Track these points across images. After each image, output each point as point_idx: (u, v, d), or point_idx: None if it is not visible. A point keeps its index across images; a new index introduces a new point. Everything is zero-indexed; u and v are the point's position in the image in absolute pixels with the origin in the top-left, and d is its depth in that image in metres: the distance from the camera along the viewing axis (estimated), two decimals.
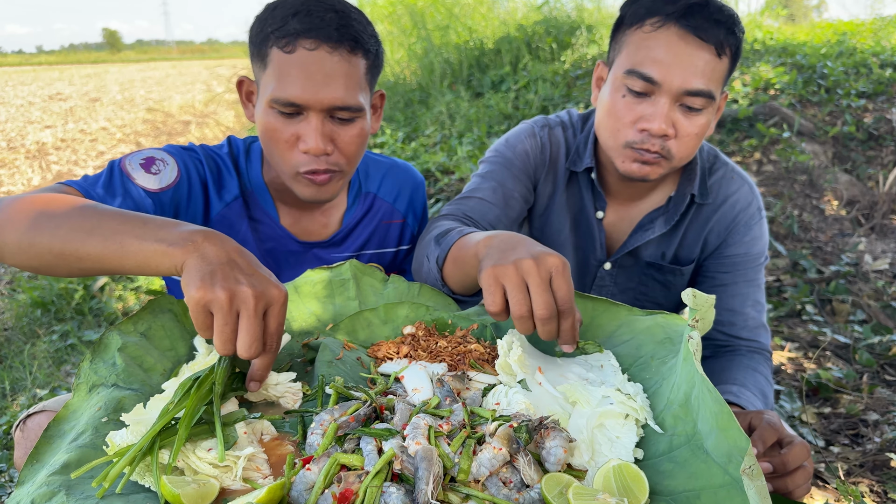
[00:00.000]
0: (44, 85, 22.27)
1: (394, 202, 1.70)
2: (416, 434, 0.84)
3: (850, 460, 2.09)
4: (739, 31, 1.42)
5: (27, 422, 1.21)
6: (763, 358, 1.57)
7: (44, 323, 3.72)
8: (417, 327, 1.22)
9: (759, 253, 1.64)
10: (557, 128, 1.71)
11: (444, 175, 4.86)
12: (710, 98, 1.41)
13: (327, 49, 1.29)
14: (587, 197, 1.68)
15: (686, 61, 1.38)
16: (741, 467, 0.73)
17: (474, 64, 7.47)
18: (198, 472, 0.84)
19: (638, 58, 1.42)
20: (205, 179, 1.47)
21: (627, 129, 1.46)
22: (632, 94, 1.44)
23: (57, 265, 1.07)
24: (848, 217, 4.14)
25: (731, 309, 1.61)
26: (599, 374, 1.07)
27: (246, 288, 0.90)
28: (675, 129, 1.43)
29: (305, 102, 1.30)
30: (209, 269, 0.91)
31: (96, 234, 1.02)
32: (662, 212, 1.64)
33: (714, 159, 1.67)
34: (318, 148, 1.32)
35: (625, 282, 1.74)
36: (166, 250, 0.96)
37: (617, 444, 0.90)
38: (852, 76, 5.56)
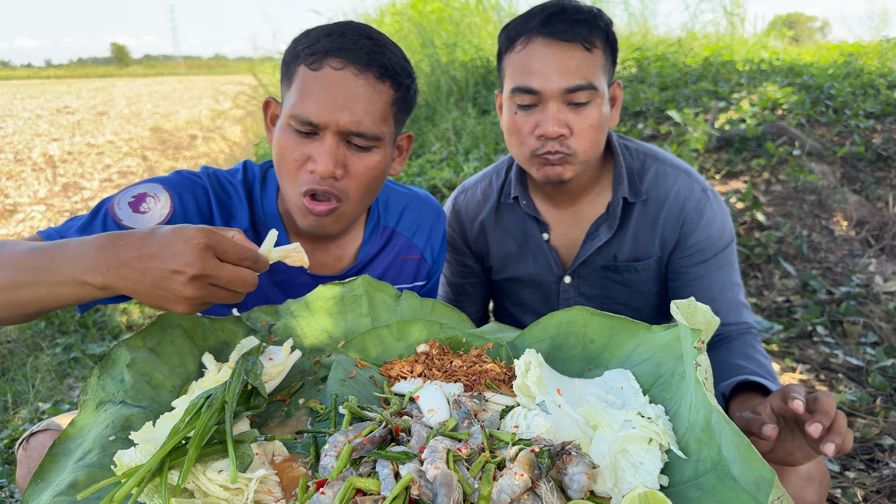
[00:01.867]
0: (52, 98, 22.41)
1: (412, 237, 1.63)
2: (435, 458, 0.81)
3: (866, 486, 2.05)
4: (604, 23, 1.53)
5: (30, 440, 1.18)
6: (752, 337, 1.62)
7: (47, 336, 3.69)
8: (431, 345, 1.20)
9: (720, 232, 1.67)
10: (476, 185, 1.87)
11: (450, 191, 4.84)
12: (593, 88, 1.50)
13: (354, 71, 1.26)
14: (529, 223, 1.78)
15: (557, 64, 1.49)
16: (770, 498, 0.70)
17: (480, 81, 7.48)
18: (208, 495, 0.82)
19: (517, 75, 1.54)
20: (207, 211, 1.40)
21: (528, 139, 1.56)
22: (522, 109, 1.56)
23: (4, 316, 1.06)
24: (857, 238, 4.11)
25: (713, 297, 1.65)
26: (619, 396, 1.04)
27: (190, 269, 0.94)
28: (568, 127, 1.52)
29: (322, 122, 1.26)
30: (149, 283, 0.95)
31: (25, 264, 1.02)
32: (605, 218, 1.70)
33: (644, 157, 1.72)
34: (327, 170, 1.27)
35: (588, 290, 1.80)
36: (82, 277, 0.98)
37: (641, 471, 0.87)
38: (860, 97, 5.55)
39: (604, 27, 1.53)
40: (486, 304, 2.01)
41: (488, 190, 1.83)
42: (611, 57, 1.57)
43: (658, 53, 7.47)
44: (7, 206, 6.95)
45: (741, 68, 6.62)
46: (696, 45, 8.20)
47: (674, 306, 0.93)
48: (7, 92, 26.77)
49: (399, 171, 1.48)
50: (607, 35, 1.54)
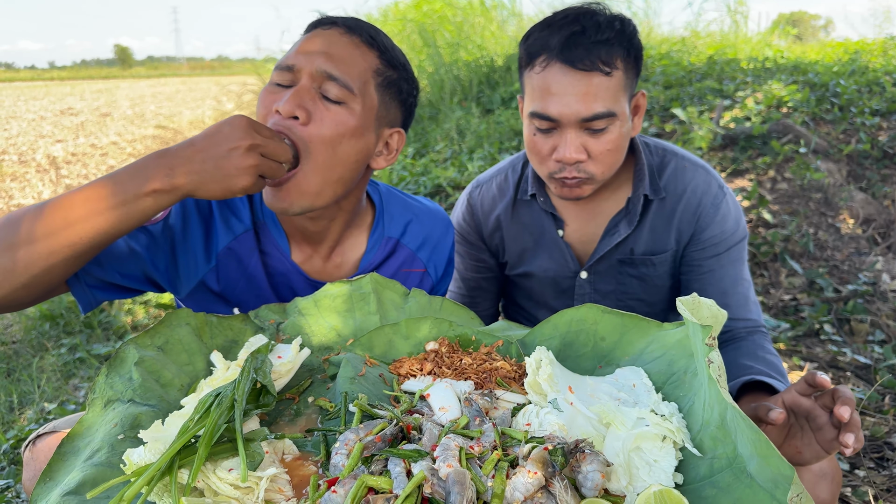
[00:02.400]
0: (55, 100, 22.46)
1: (417, 250, 1.59)
2: (447, 456, 0.80)
3: (876, 485, 2.04)
4: (627, 38, 1.48)
5: (36, 442, 1.17)
6: (762, 336, 1.61)
7: (52, 336, 3.69)
8: (440, 343, 1.19)
9: (734, 227, 1.68)
10: (491, 180, 1.86)
11: (455, 190, 4.84)
12: (611, 116, 1.48)
13: (342, 30, 1.30)
14: (546, 219, 1.77)
15: (576, 93, 1.46)
16: (789, 496, 0.69)
17: (484, 81, 7.48)
18: (218, 494, 0.81)
19: (535, 99, 1.52)
20: (208, 210, 1.40)
21: (547, 160, 1.56)
22: (541, 132, 1.54)
23: (49, 264, 1.07)
24: (864, 236, 4.09)
25: (723, 291, 1.66)
26: (632, 394, 1.03)
27: (244, 140, 1.10)
28: (586, 151, 1.51)
29: (297, 64, 1.26)
30: (212, 169, 1.09)
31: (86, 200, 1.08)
32: (624, 214, 1.70)
33: (663, 153, 1.72)
34: (287, 108, 1.22)
35: (603, 285, 1.79)
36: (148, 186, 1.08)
37: (655, 468, 0.86)
38: (865, 94, 5.53)
39: (626, 43, 1.48)
40: (498, 300, 2.01)
41: (504, 185, 1.82)
42: (633, 69, 1.53)
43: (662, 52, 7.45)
44: (12, 207, 6.95)
45: (745, 66, 6.60)
46: (700, 43, 8.19)
47: (679, 303, 0.91)
48: (11, 94, 26.84)
49: (382, 166, 1.41)
50: (629, 49, 1.49)
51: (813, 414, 1.04)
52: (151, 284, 1.36)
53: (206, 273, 1.39)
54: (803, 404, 1.06)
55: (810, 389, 1.06)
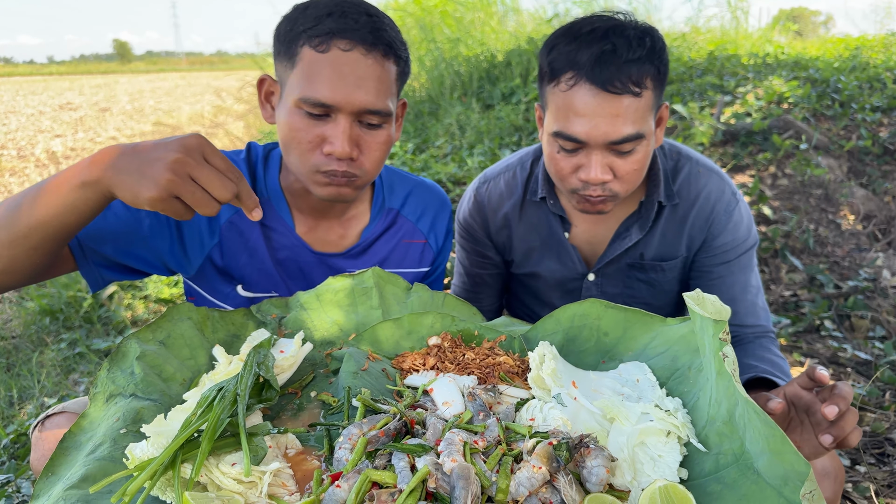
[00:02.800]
0: (54, 95, 22.41)
1: (417, 221, 1.64)
2: (452, 450, 0.80)
3: (877, 480, 2.04)
4: (657, 56, 1.41)
5: (45, 423, 1.18)
6: (769, 340, 1.60)
7: (52, 331, 3.68)
8: (443, 338, 1.18)
9: (745, 235, 1.66)
10: (499, 176, 1.80)
11: (455, 185, 4.83)
12: (639, 138, 1.42)
13: (362, 51, 1.27)
14: (554, 221, 1.74)
15: (605, 115, 1.39)
16: (801, 492, 0.68)
17: (484, 76, 7.46)
18: (221, 488, 0.80)
19: (561, 119, 1.44)
20: None
21: (569, 178, 1.50)
22: (565, 151, 1.48)
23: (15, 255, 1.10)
24: (864, 232, 4.09)
25: (733, 298, 1.64)
26: (635, 389, 1.02)
27: (174, 156, 0.98)
28: (612, 172, 1.46)
29: (336, 104, 1.26)
30: (133, 171, 1.00)
31: (23, 204, 1.08)
32: (636, 218, 1.66)
33: (677, 157, 1.69)
34: (345, 152, 1.28)
35: (611, 288, 1.77)
36: (80, 177, 1.04)
37: (660, 464, 0.86)
38: (866, 90, 5.52)
39: (655, 61, 1.42)
40: (502, 295, 1.99)
41: (512, 182, 1.78)
42: (661, 85, 1.47)
43: None
44: None
45: (746, 62, 6.59)
46: (701, 39, 8.17)
47: (686, 298, 0.91)
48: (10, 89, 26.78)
49: (397, 138, 1.46)
50: (659, 67, 1.43)
51: (812, 409, 1.04)
52: (160, 265, 1.39)
53: (211, 248, 1.43)
54: (804, 397, 1.05)
55: (812, 383, 1.06)
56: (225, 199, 1.00)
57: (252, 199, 1.05)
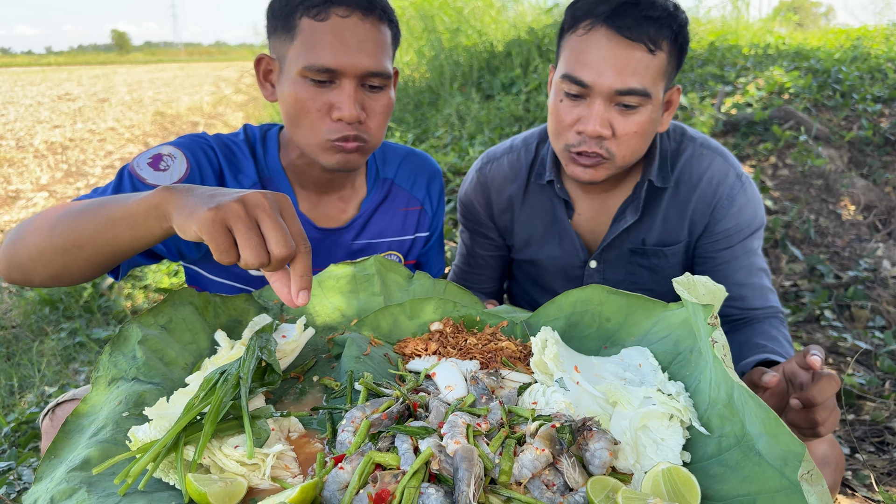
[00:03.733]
0: (52, 85, 22.34)
1: (411, 189, 1.68)
2: (455, 433, 0.80)
3: (877, 468, 2.04)
4: (678, 24, 1.41)
5: (56, 411, 1.18)
6: (779, 321, 1.58)
7: (52, 321, 3.68)
8: (445, 324, 1.18)
9: (749, 220, 1.62)
10: (503, 156, 1.77)
11: (455, 176, 4.82)
12: (646, 96, 1.40)
13: (359, 16, 1.30)
14: (558, 205, 1.71)
15: (616, 62, 1.38)
16: (799, 472, 0.68)
17: (484, 66, 7.43)
18: (224, 470, 0.80)
19: (571, 62, 1.44)
20: (218, 167, 1.44)
21: (567, 131, 1.48)
22: (568, 98, 1.46)
23: (66, 262, 1.06)
24: (865, 222, 4.09)
25: (739, 283, 1.61)
26: (637, 374, 1.02)
27: (253, 194, 0.85)
28: (612, 129, 1.43)
29: (340, 68, 1.29)
30: (205, 196, 0.86)
31: (84, 216, 1.02)
32: (631, 200, 1.64)
33: (681, 138, 1.66)
34: (353, 115, 1.30)
35: (613, 275, 1.75)
36: (148, 200, 0.93)
37: (662, 447, 0.86)
38: (867, 81, 5.51)
39: (675, 28, 1.41)
40: (502, 279, 1.97)
41: (516, 164, 1.75)
42: (676, 60, 1.46)
43: None
44: (10, 192, 6.93)
45: (747, 53, 6.57)
46: (702, 29, 8.13)
47: (675, 283, 0.91)
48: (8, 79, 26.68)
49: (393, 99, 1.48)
50: (677, 37, 1.42)
51: (806, 390, 1.04)
52: (174, 251, 1.39)
53: None
54: (800, 375, 1.06)
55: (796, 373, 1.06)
56: (278, 256, 0.84)
57: (305, 280, 0.88)
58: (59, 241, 1.04)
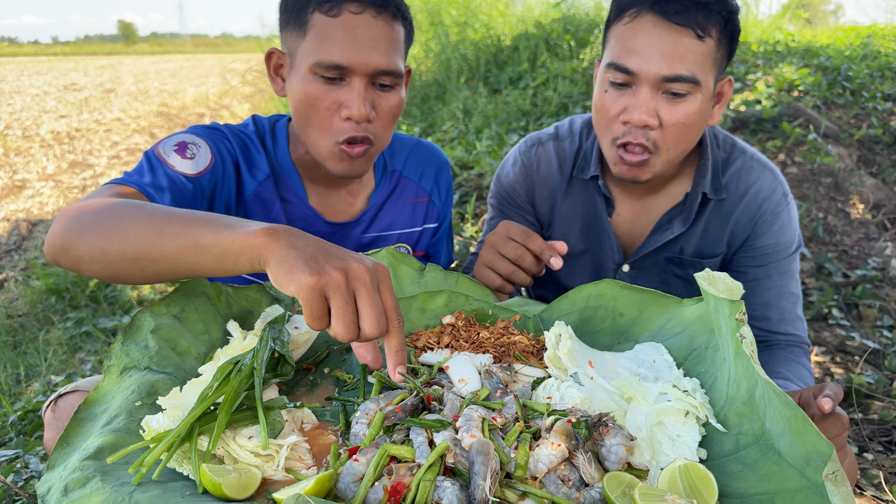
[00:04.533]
0: (59, 75, 22.35)
1: (419, 180, 1.67)
2: (470, 426, 0.79)
3: (885, 468, 2.03)
4: (728, 11, 1.37)
5: (58, 402, 1.17)
6: (802, 350, 1.54)
7: (58, 310, 3.69)
8: (457, 317, 1.17)
9: (789, 241, 1.58)
10: (549, 142, 1.71)
11: (462, 170, 4.81)
12: (694, 83, 1.36)
13: (372, 13, 1.28)
14: (599, 202, 1.66)
15: (663, 48, 1.34)
16: (824, 472, 0.68)
17: (491, 60, 7.40)
18: (238, 461, 0.80)
19: (616, 50, 1.40)
20: (236, 159, 1.43)
21: (613, 123, 1.43)
22: (614, 88, 1.42)
23: (131, 271, 0.98)
24: (874, 221, 4.07)
25: (766, 303, 1.57)
26: (652, 370, 1.02)
27: (356, 265, 0.83)
28: (658, 118, 1.38)
29: (351, 65, 1.28)
30: (307, 254, 0.83)
31: (167, 232, 0.94)
32: (680, 210, 1.59)
33: (731, 148, 1.61)
34: (362, 114, 1.29)
35: (645, 282, 1.70)
36: (246, 240, 0.87)
37: (679, 443, 0.85)
38: (877, 79, 5.47)
39: (725, 15, 1.37)
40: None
41: (562, 154, 1.69)
42: (726, 49, 1.41)
43: None
44: (16, 182, 6.94)
45: (756, 49, 6.53)
46: None
47: (698, 278, 0.90)
48: (14, 69, 26.70)
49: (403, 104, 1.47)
50: (727, 24, 1.38)
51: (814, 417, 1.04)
52: None
53: None
54: (812, 407, 1.04)
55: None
56: (368, 335, 0.83)
57: (400, 356, 0.89)
58: (132, 250, 0.96)
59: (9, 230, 5.40)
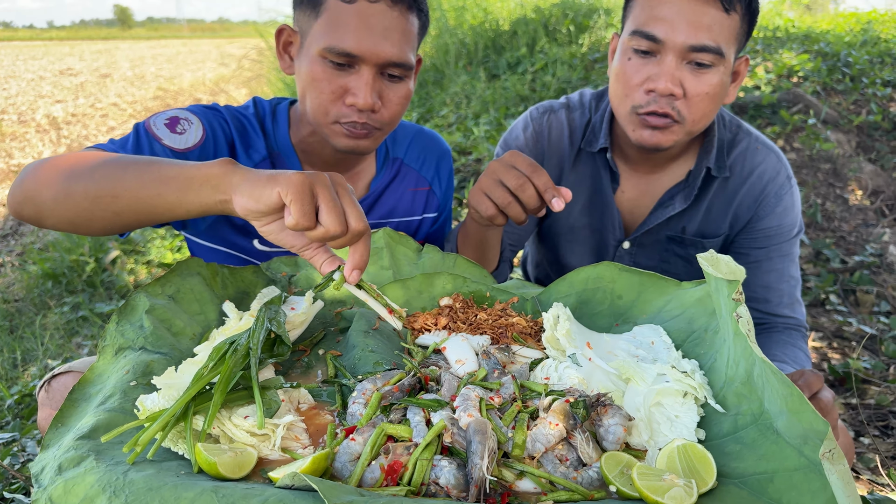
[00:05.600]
0: (55, 60, 22.21)
1: (420, 169, 1.65)
2: (468, 406, 0.78)
3: (881, 452, 2.04)
4: None
5: (52, 382, 1.17)
6: (800, 334, 1.55)
7: (55, 295, 3.68)
8: (455, 299, 1.17)
9: (791, 224, 1.59)
10: (561, 110, 1.69)
11: (461, 155, 4.79)
12: (719, 54, 1.35)
13: (388, 3, 1.26)
14: (604, 177, 1.65)
15: (690, 17, 1.33)
16: (820, 451, 0.67)
17: (490, 45, 7.36)
18: (234, 440, 0.80)
19: (642, 18, 1.39)
20: (231, 139, 1.42)
21: (635, 91, 1.42)
22: (638, 56, 1.41)
23: (92, 211, 1.02)
24: (872, 207, 4.06)
25: (766, 285, 1.58)
26: (650, 351, 1.01)
27: (330, 174, 0.90)
28: (683, 88, 1.38)
29: (361, 54, 1.26)
30: (270, 173, 0.89)
31: (131, 169, 0.99)
32: (682, 187, 1.59)
33: (737, 129, 1.61)
34: (368, 103, 1.27)
35: (645, 260, 1.70)
36: (209, 168, 0.93)
37: (677, 424, 0.85)
38: (877, 65, 5.45)
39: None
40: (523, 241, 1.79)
41: (573, 124, 1.67)
42: (747, 27, 1.41)
43: None
44: (12, 167, 6.91)
45: (756, 35, 6.50)
46: None
47: (700, 259, 0.90)
48: (9, 53, 26.52)
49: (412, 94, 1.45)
50: (751, 2, 1.39)
51: None
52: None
53: None
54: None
55: None
56: (355, 230, 0.88)
57: (363, 261, 0.93)
58: (95, 188, 1.00)
59: (4, 215, 5.38)
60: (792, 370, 1.36)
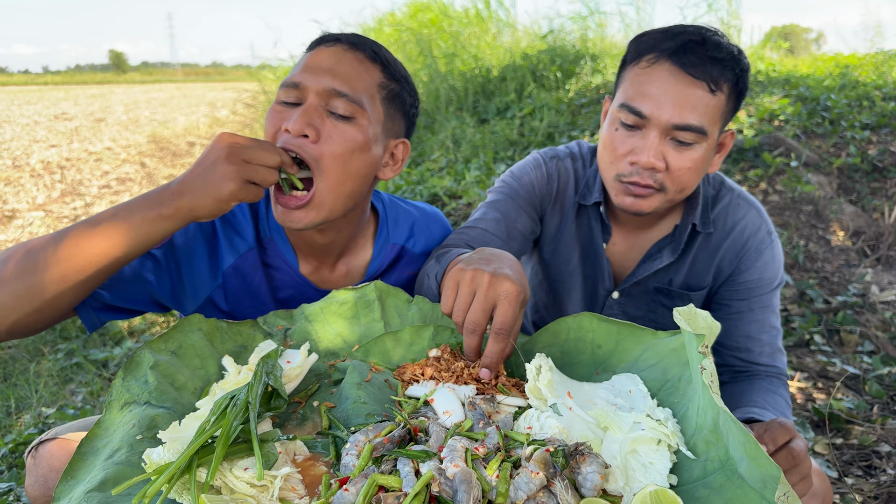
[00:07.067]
0: (49, 105, 22.42)
1: (420, 254, 1.63)
2: (454, 456, 0.84)
3: (864, 492, 2.08)
4: (740, 68, 1.44)
5: (38, 449, 1.20)
6: (781, 382, 1.60)
7: (49, 341, 3.70)
8: (443, 350, 1.22)
9: (771, 277, 1.65)
10: (567, 159, 1.75)
11: (451, 199, 4.88)
12: (701, 133, 1.42)
13: (344, 47, 1.33)
14: (595, 228, 1.71)
15: (676, 97, 1.40)
16: (776, 495, 0.73)
17: (479, 91, 7.54)
18: (235, 491, 0.84)
19: (631, 92, 1.46)
20: (211, 231, 1.43)
21: (620, 161, 1.49)
22: (624, 128, 1.47)
23: (61, 289, 1.11)
24: (854, 248, 4.16)
25: (748, 335, 1.63)
26: (628, 400, 1.07)
27: (222, 151, 1.16)
28: (665, 162, 1.45)
29: (304, 82, 1.29)
30: (201, 184, 1.15)
31: (64, 247, 1.10)
32: (669, 241, 1.66)
33: (720, 186, 1.68)
34: (297, 128, 1.24)
35: (633, 310, 1.76)
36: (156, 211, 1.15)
37: (651, 470, 0.90)
38: (856, 108, 5.62)
39: (738, 72, 1.44)
40: None
41: (578, 174, 1.73)
42: (733, 104, 1.48)
43: None
44: (6, 212, 6.96)
45: None
46: None
47: (676, 313, 0.96)
48: (4, 98, 26.78)
49: (388, 177, 1.45)
50: (737, 82, 1.45)
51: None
52: (156, 305, 1.40)
53: (213, 290, 1.43)
54: (768, 444, 1.13)
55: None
56: (277, 163, 1.18)
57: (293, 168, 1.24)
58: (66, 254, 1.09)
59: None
60: (772, 416, 1.42)
